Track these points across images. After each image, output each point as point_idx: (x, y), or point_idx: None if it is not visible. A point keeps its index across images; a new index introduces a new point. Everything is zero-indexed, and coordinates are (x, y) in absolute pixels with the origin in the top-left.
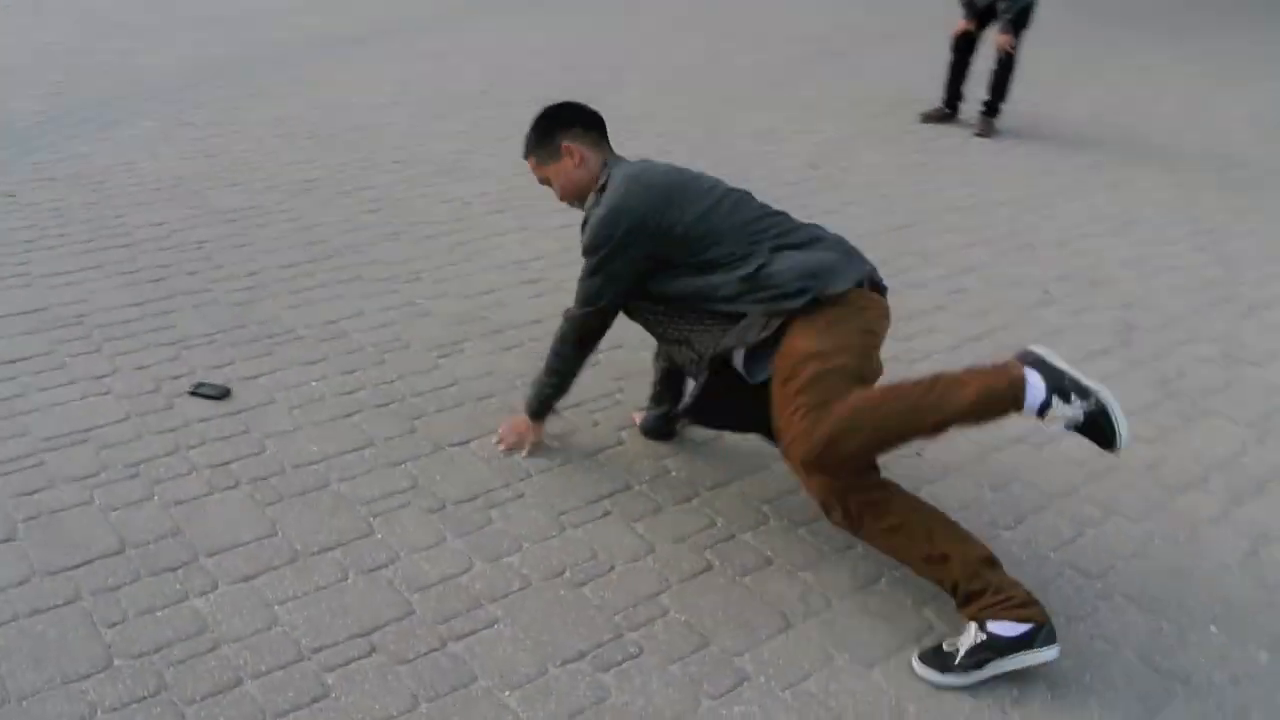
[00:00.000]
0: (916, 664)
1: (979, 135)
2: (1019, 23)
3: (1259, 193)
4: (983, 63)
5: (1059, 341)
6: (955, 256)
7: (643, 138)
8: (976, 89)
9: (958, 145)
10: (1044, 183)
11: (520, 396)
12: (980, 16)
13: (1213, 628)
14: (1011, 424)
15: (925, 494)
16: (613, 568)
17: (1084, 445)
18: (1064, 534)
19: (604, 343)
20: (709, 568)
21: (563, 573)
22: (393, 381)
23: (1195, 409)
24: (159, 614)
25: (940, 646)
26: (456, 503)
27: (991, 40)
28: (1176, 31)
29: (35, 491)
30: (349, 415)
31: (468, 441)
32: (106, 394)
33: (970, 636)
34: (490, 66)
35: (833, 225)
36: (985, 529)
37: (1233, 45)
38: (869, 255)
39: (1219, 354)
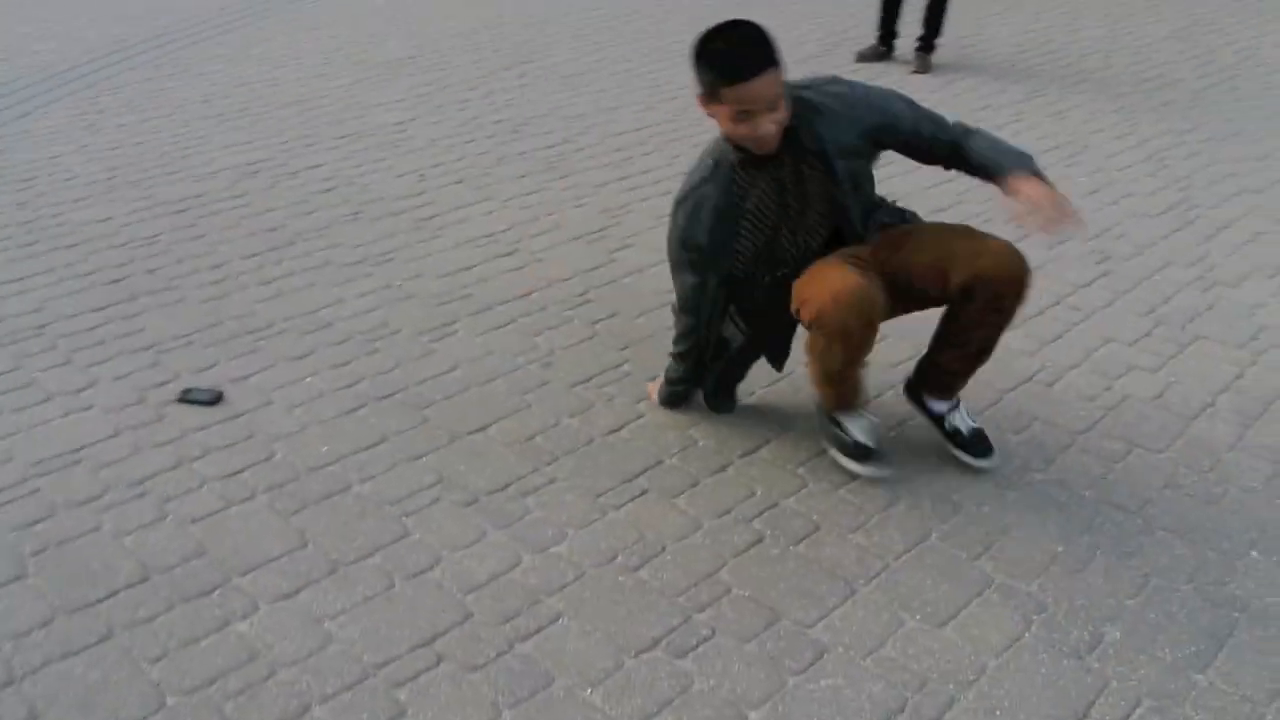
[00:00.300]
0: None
1: (917, 72)
2: None
3: (1194, 112)
4: None
5: (1041, 276)
6: (926, 197)
7: (584, 94)
8: (910, 25)
9: (899, 83)
10: (989, 116)
11: (524, 375)
12: None
13: (1254, 553)
14: (1018, 364)
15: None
16: (664, 548)
17: (1090, 380)
18: (1094, 471)
19: (600, 311)
20: (760, 539)
21: (615, 558)
22: (391, 370)
23: (1186, 334)
24: (203, 644)
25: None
26: (488, 494)
27: None
28: None
29: (37, 522)
30: (354, 410)
31: (485, 428)
32: (89, 409)
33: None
34: (411, 31)
35: None
36: (1018, 474)
37: None
38: None
39: (1196, 277)
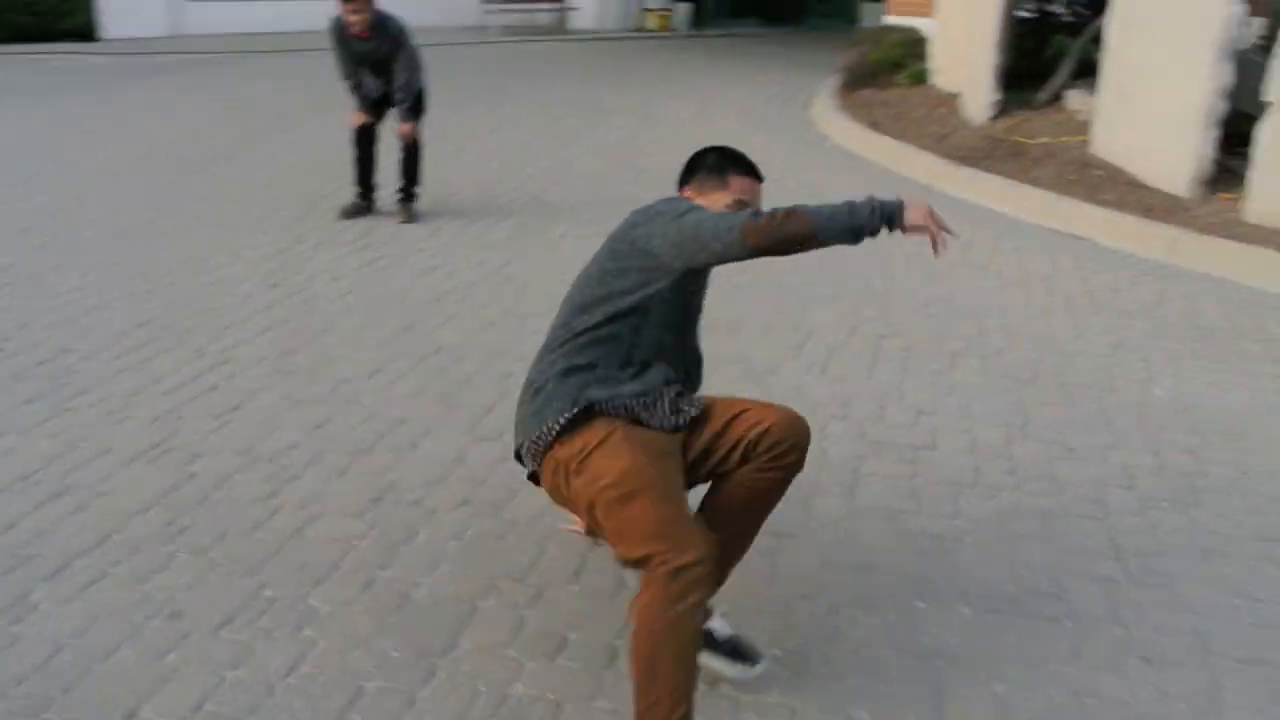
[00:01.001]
0: None
1: (405, 222)
2: (416, 110)
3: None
4: (388, 151)
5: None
6: (477, 341)
7: (55, 296)
8: (388, 176)
9: (393, 234)
10: (492, 256)
11: (154, 635)
12: (375, 107)
13: (919, 603)
14: None
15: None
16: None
17: None
18: (760, 567)
19: (204, 536)
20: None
21: None
22: None
23: None
24: None
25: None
26: None
27: (393, 130)
28: (514, 87)
29: None
30: None
31: (134, 713)
32: None
33: None
34: None
35: (337, 336)
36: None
37: (565, 93)
38: (340, 353)
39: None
